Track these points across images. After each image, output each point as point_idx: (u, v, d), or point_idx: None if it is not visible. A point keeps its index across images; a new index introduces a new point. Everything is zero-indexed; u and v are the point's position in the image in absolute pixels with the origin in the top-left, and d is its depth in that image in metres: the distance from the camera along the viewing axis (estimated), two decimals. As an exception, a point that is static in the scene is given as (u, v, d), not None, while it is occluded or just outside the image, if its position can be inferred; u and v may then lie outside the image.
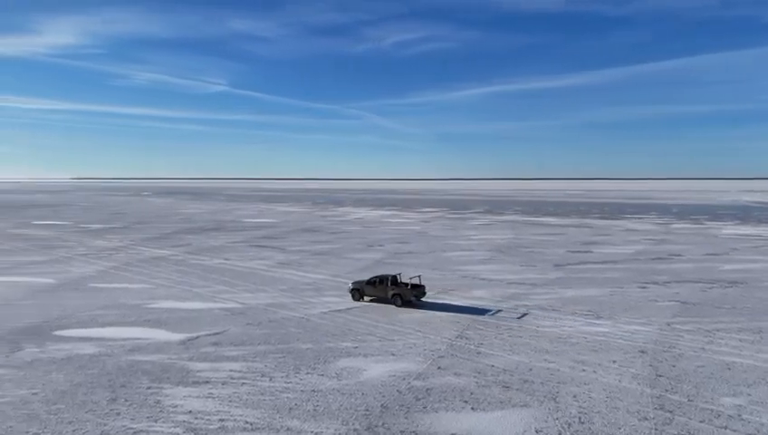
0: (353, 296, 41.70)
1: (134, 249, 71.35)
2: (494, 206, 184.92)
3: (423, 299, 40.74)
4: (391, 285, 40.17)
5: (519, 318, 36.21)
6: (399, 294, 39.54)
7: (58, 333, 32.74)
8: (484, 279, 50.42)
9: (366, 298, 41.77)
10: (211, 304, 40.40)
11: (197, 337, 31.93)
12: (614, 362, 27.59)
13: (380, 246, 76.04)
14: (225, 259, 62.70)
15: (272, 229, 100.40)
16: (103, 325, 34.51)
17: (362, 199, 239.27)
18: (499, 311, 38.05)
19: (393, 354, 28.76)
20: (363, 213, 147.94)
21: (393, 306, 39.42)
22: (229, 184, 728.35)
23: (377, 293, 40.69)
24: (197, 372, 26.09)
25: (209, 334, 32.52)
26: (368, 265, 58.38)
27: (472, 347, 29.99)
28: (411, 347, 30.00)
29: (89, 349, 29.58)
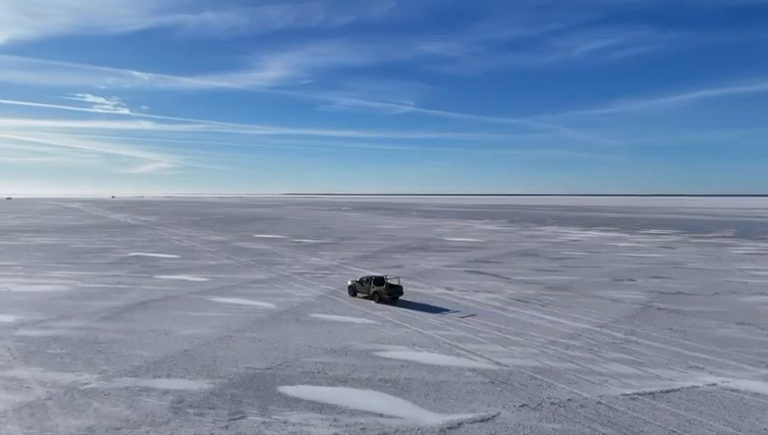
0: (349, 292, 48.67)
1: (347, 269, 66.83)
2: (744, 228, 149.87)
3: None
4: (374, 284, 46.12)
5: None
6: (378, 292, 45.41)
7: (283, 389, 25.95)
8: None
9: (359, 295, 47.70)
10: (456, 360, 30.84)
11: (460, 424, 22.23)
12: None
13: (630, 280, 60.32)
14: (447, 289, 53.71)
15: (482, 251, 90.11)
16: (333, 382, 27.02)
17: (564, 217, 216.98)
18: None
19: None
20: (578, 234, 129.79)
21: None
22: (417, 199, 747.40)
23: (364, 291, 46.90)
24: (488, 511, 16.04)
25: (474, 421, 22.59)
26: (637, 312, 44.07)
27: None
28: None
29: (322, 428, 21.74)
